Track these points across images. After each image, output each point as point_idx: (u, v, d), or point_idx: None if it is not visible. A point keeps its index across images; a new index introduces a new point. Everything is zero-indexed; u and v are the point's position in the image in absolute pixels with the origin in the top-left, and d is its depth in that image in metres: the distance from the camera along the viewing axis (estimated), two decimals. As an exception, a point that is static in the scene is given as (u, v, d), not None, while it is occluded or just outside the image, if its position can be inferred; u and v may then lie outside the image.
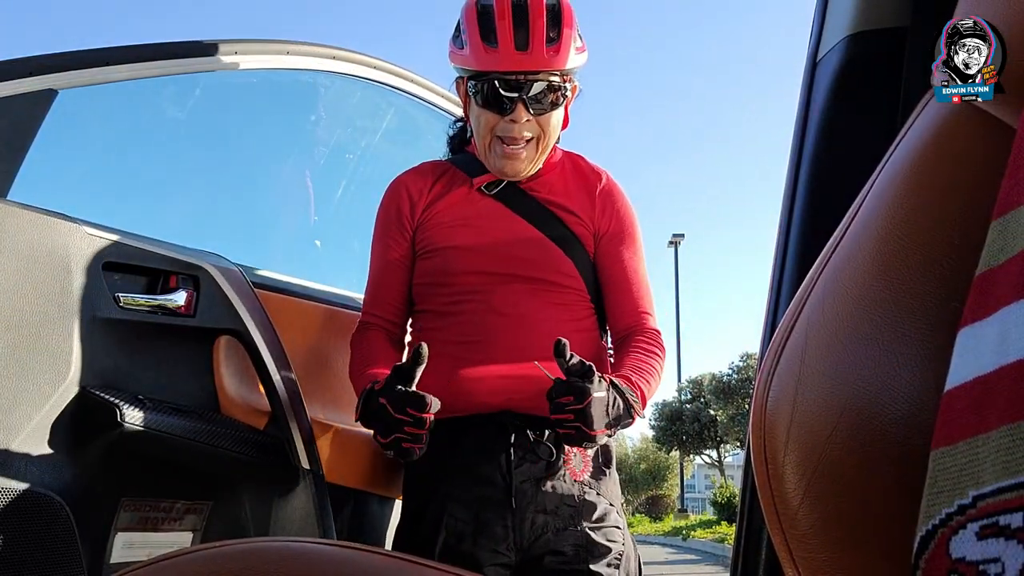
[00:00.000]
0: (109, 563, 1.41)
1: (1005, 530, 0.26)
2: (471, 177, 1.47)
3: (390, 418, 1.21)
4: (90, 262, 1.37)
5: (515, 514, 1.29)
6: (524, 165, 1.41)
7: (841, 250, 0.42)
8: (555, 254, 1.42)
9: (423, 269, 1.47)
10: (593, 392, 1.19)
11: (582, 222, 1.46)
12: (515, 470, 1.31)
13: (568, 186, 1.49)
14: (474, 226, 1.44)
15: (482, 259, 1.41)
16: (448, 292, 1.42)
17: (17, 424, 1.24)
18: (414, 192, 1.49)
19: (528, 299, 1.38)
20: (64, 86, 1.38)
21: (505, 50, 1.32)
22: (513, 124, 1.36)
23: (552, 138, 1.42)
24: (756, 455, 0.41)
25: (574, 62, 1.37)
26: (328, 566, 0.41)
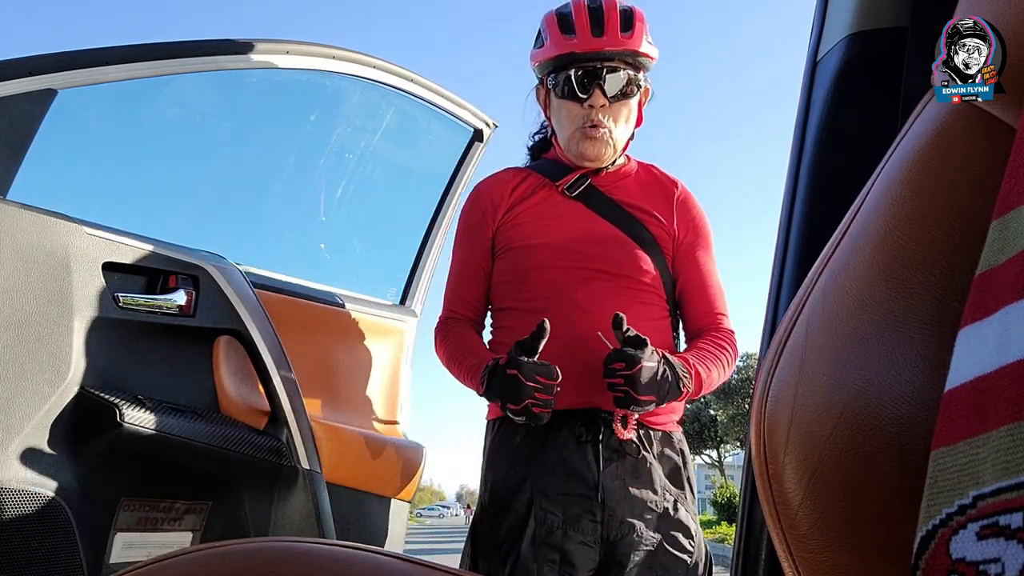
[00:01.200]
0: (109, 563, 1.41)
1: (1005, 530, 0.26)
2: (552, 179, 1.55)
3: (522, 386, 1.30)
4: (90, 262, 1.37)
5: (604, 510, 1.36)
6: (603, 148, 1.49)
7: (841, 250, 0.42)
8: (636, 252, 1.49)
9: (504, 267, 1.54)
10: (643, 361, 1.29)
11: (661, 225, 1.53)
12: (604, 469, 1.37)
13: (646, 191, 1.57)
14: (556, 225, 1.51)
15: (564, 256, 1.47)
16: (530, 289, 1.48)
17: (17, 424, 1.24)
18: (495, 196, 1.58)
19: (610, 296, 1.44)
20: (63, 86, 1.38)
21: (583, 36, 1.43)
22: (591, 110, 1.46)
23: (627, 128, 1.52)
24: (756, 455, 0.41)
25: (647, 49, 1.47)
26: (328, 566, 0.41)
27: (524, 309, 1.47)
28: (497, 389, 1.35)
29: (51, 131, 1.37)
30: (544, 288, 1.45)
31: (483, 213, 1.57)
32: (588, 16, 1.43)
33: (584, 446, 1.38)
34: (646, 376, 1.29)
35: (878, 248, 0.39)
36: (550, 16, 1.49)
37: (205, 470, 1.55)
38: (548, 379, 1.31)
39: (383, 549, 0.44)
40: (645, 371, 1.29)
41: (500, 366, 1.35)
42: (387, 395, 2.04)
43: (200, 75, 1.68)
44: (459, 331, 1.55)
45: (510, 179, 1.59)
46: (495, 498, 1.43)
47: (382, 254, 2.45)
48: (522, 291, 1.48)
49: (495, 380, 1.36)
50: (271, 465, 1.57)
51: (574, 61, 1.45)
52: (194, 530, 1.57)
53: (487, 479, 1.47)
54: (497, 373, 1.35)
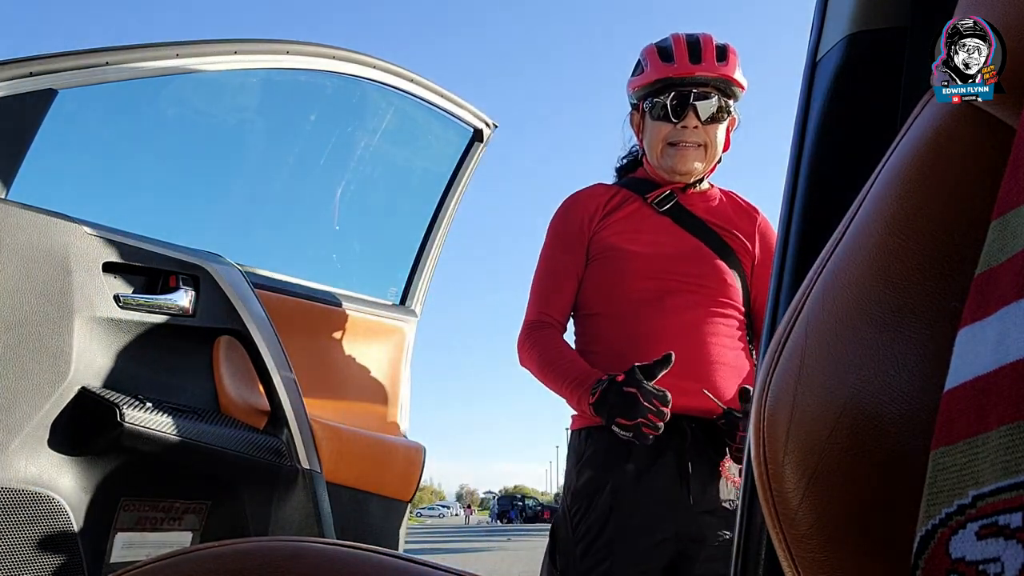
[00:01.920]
0: (109, 563, 1.41)
1: (1004, 530, 0.26)
2: (642, 195, 1.64)
3: (639, 405, 1.37)
4: (90, 262, 1.37)
5: (685, 512, 1.43)
6: (693, 163, 1.59)
7: (841, 250, 0.42)
8: (719, 266, 1.58)
9: (593, 275, 1.61)
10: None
11: (744, 245, 1.64)
12: (691, 473, 1.45)
13: (729, 212, 1.68)
14: (646, 237, 1.59)
15: (652, 266, 1.55)
16: (618, 296, 1.56)
17: (17, 424, 1.24)
18: (591, 206, 1.65)
19: (695, 308, 1.52)
20: (63, 86, 1.38)
21: (681, 62, 1.55)
22: (684, 129, 1.57)
23: (716, 149, 1.61)
24: (756, 455, 0.41)
25: (739, 78, 1.58)
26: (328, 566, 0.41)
27: (613, 315, 1.56)
28: (610, 404, 1.40)
29: (51, 131, 1.37)
30: (633, 296, 1.54)
31: (580, 221, 1.64)
32: (687, 46, 1.55)
33: (666, 452, 1.45)
34: None
35: (878, 248, 0.39)
36: (650, 48, 1.60)
37: (205, 470, 1.55)
38: (663, 405, 1.37)
39: (383, 549, 0.44)
40: None
41: (617, 383, 1.41)
42: (387, 395, 2.04)
43: (200, 75, 1.68)
44: (553, 339, 1.61)
45: (603, 192, 1.67)
46: (576, 500, 1.50)
47: (382, 254, 2.45)
48: (611, 299, 1.56)
49: (611, 395, 1.40)
50: (271, 465, 1.57)
51: (671, 86, 1.56)
52: (194, 530, 1.57)
53: (571, 482, 1.53)
54: (613, 389, 1.41)
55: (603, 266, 1.59)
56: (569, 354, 1.57)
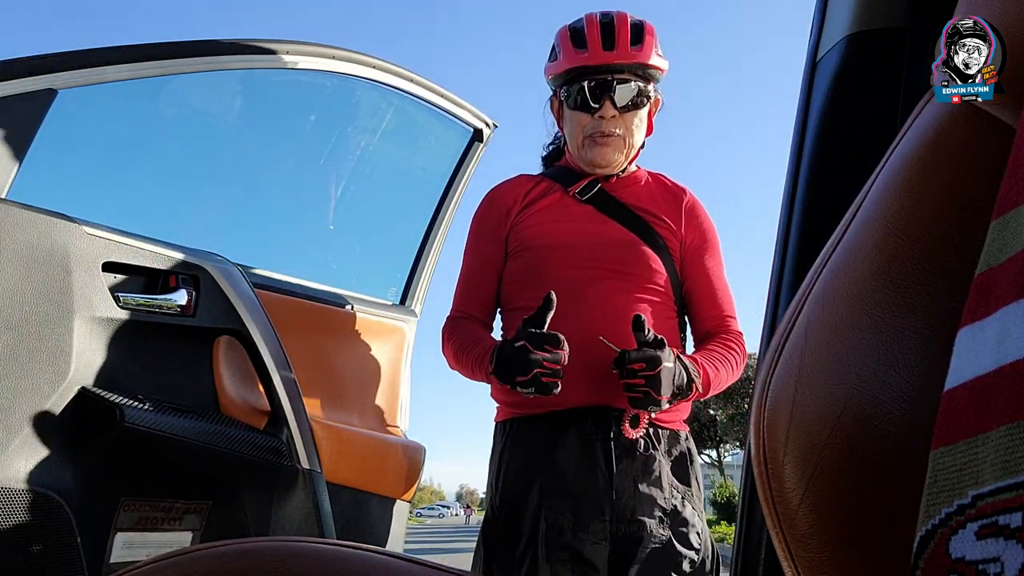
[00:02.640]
0: (109, 563, 1.41)
1: (1004, 530, 0.26)
2: (564, 185, 1.59)
3: (530, 355, 1.31)
4: (90, 262, 1.37)
5: (614, 509, 1.38)
6: (613, 155, 1.54)
7: (841, 250, 0.42)
8: (646, 253, 1.52)
9: (515, 267, 1.57)
10: (664, 361, 1.32)
11: (670, 229, 1.57)
12: (616, 467, 1.39)
13: (655, 196, 1.61)
14: (566, 226, 1.54)
15: (576, 257, 1.50)
16: (542, 288, 1.49)
17: (17, 424, 1.24)
18: (509, 198, 1.61)
19: (618, 294, 1.47)
20: (64, 86, 1.38)
21: (594, 50, 1.48)
22: (602, 120, 1.51)
23: (637, 137, 1.56)
24: (756, 455, 0.41)
25: (656, 61, 1.51)
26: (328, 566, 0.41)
27: (534, 308, 1.47)
28: (505, 364, 1.36)
29: (51, 131, 1.37)
30: (556, 288, 1.47)
31: (498, 215, 1.60)
32: (600, 31, 1.48)
33: (594, 445, 1.40)
34: (666, 376, 1.32)
35: (877, 248, 0.39)
36: (563, 31, 1.54)
37: (205, 470, 1.55)
38: (555, 347, 1.32)
39: (383, 549, 0.44)
40: (665, 372, 1.32)
41: (508, 341, 1.38)
42: (387, 395, 2.04)
43: (200, 75, 1.68)
44: (467, 326, 1.57)
45: (524, 183, 1.63)
46: (505, 500, 1.44)
47: (382, 254, 2.45)
48: (535, 291, 1.50)
49: (503, 356, 1.37)
50: (271, 465, 1.57)
51: (585, 73, 1.49)
52: (194, 530, 1.57)
53: (496, 481, 1.48)
54: (505, 348, 1.37)
55: (523, 259, 1.55)
56: (478, 336, 1.53)
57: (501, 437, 1.51)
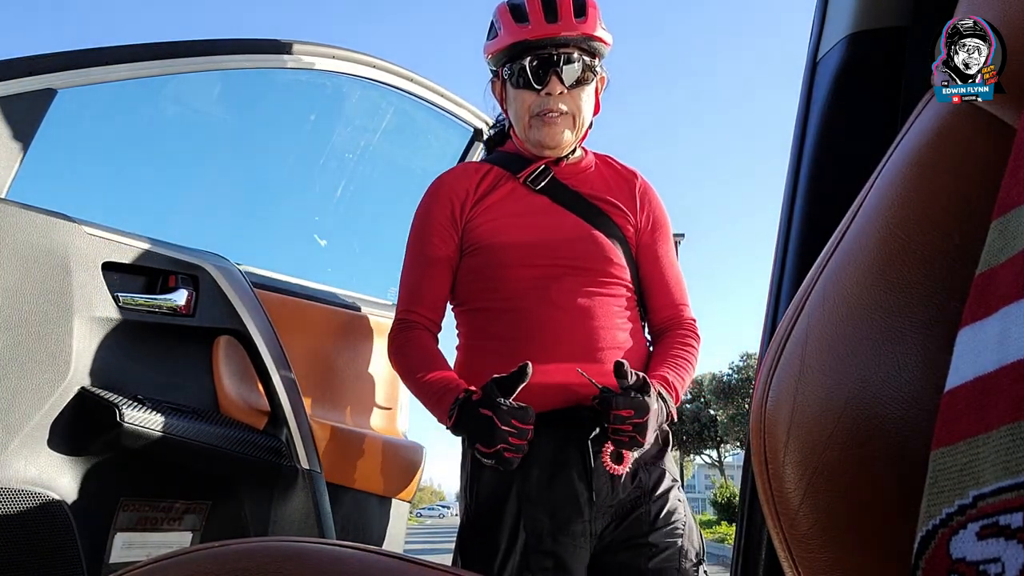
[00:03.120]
0: (108, 563, 1.41)
1: (1005, 530, 0.26)
2: (513, 172, 1.52)
3: (496, 430, 1.25)
4: (90, 262, 1.37)
5: (593, 510, 1.34)
6: (562, 135, 1.47)
7: (841, 250, 0.42)
8: (603, 245, 1.47)
9: (472, 267, 1.49)
10: (651, 406, 1.28)
11: (625, 216, 1.52)
12: (593, 468, 1.35)
13: (608, 182, 1.55)
14: (523, 221, 1.47)
15: (534, 253, 1.44)
16: (502, 288, 1.44)
17: (17, 424, 1.24)
18: (460, 191, 1.52)
19: (581, 292, 1.42)
20: (63, 86, 1.37)
21: (536, 22, 1.41)
22: (548, 98, 1.44)
23: (585, 115, 1.49)
24: (756, 455, 0.41)
25: (601, 34, 1.45)
26: (328, 566, 0.41)
27: (499, 309, 1.44)
28: (467, 427, 1.30)
29: (51, 131, 1.37)
30: (518, 287, 1.43)
31: (450, 206, 1.51)
32: (541, 3, 1.42)
33: (568, 446, 1.35)
34: (653, 421, 1.28)
35: (878, 248, 0.39)
36: (502, 6, 1.48)
37: (205, 470, 1.55)
38: (524, 424, 1.25)
39: (383, 549, 0.44)
40: (652, 416, 1.28)
41: (472, 402, 1.29)
42: (387, 395, 2.04)
43: (200, 75, 1.68)
44: (419, 343, 1.47)
45: (473, 173, 1.54)
46: (482, 509, 1.38)
47: (382, 254, 2.45)
48: (496, 291, 1.45)
49: (465, 417, 1.30)
50: (271, 465, 1.57)
51: (528, 49, 1.43)
52: (194, 530, 1.57)
53: (471, 490, 1.42)
54: (468, 410, 1.29)
55: (481, 257, 1.47)
56: (434, 362, 1.44)
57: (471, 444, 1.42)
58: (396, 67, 1.95)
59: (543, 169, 1.51)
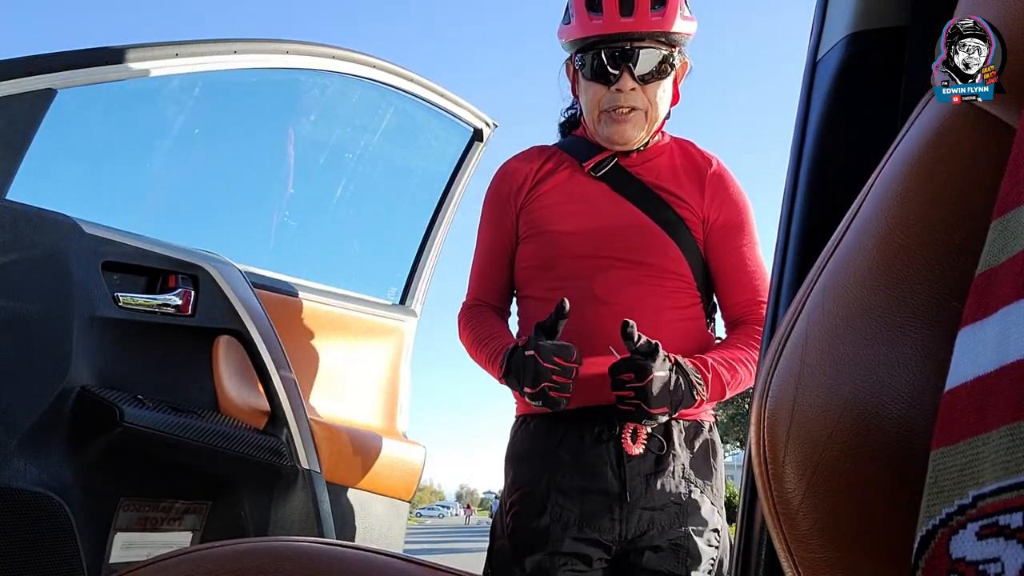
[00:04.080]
0: (109, 563, 1.41)
1: (1005, 530, 0.26)
2: (579, 159, 1.46)
3: (539, 367, 1.23)
4: (90, 262, 1.37)
5: (624, 508, 1.30)
6: (632, 131, 1.40)
7: (841, 250, 0.42)
8: (660, 238, 1.40)
9: (526, 253, 1.46)
10: (654, 371, 1.22)
11: (690, 208, 1.43)
12: (627, 464, 1.31)
13: (677, 171, 1.47)
14: (578, 208, 1.42)
15: (585, 243, 1.39)
16: (550, 277, 1.41)
17: (17, 424, 1.24)
18: (519, 175, 1.49)
19: (630, 286, 1.36)
20: (63, 86, 1.38)
21: (609, 15, 1.34)
22: (619, 94, 1.37)
23: (660, 110, 1.42)
24: (756, 455, 0.41)
25: (681, 27, 1.37)
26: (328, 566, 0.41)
27: (543, 299, 1.40)
28: (514, 371, 1.29)
29: (51, 131, 1.37)
30: (565, 277, 1.38)
31: (507, 194, 1.49)
32: None
33: (604, 443, 1.32)
34: (657, 387, 1.22)
35: (878, 248, 0.39)
36: None
37: (205, 470, 1.55)
38: (567, 361, 1.24)
39: (383, 549, 0.44)
40: (656, 382, 1.22)
41: (519, 348, 1.29)
42: (387, 395, 2.04)
43: (200, 75, 1.68)
44: (482, 315, 1.49)
45: (535, 157, 1.51)
46: (514, 495, 1.38)
47: (382, 254, 2.45)
48: (542, 279, 1.42)
49: (513, 362, 1.29)
50: (271, 465, 1.57)
51: (600, 42, 1.35)
52: (194, 530, 1.57)
53: (507, 476, 1.42)
54: (516, 355, 1.29)
55: (533, 244, 1.44)
56: (494, 328, 1.44)
57: (515, 432, 1.44)
58: (396, 67, 1.95)
59: (609, 157, 1.45)
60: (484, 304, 1.51)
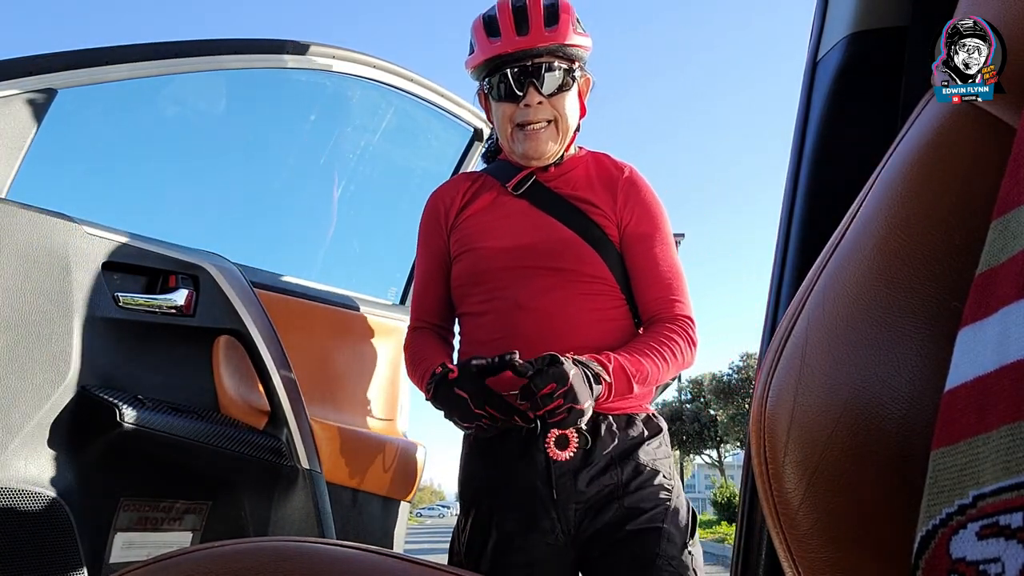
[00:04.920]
0: (109, 563, 1.41)
1: (1005, 530, 0.26)
2: (502, 181, 1.54)
3: (469, 412, 1.27)
4: (90, 262, 1.37)
5: (557, 506, 1.34)
6: (545, 145, 1.47)
7: (841, 250, 0.42)
8: (577, 244, 1.45)
9: (458, 271, 1.52)
10: (569, 372, 1.24)
11: (604, 214, 1.49)
12: (553, 465, 1.35)
13: (592, 180, 1.53)
14: (503, 224, 1.49)
15: (507, 255, 1.45)
16: (481, 291, 1.47)
17: (17, 424, 1.24)
18: (447, 200, 1.57)
19: (553, 292, 1.41)
20: (63, 86, 1.38)
21: (507, 37, 1.42)
22: (528, 108, 1.44)
23: (569, 121, 1.48)
24: (756, 455, 0.41)
25: (575, 40, 1.45)
26: (328, 566, 0.41)
27: (474, 313, 1.47)
28: (443, 403, 1.31)
29: (51, 131, 1.37)
30: (490, 290, 1.44)
31: (437, 218, 1.57)
32: (512, 15, 1.42)
33: (533, 450, 1.36)
34: (578, 383, 1.24)
35: (878, 248, 0.39)
36: (477, 22, 1.49)
37: (205, 470, 1.55)
38: (500, 412, 1.27)
39: (383, 549, 0.44)
40: (575, 378, 1.24)
41: (447, 382, 1.29)
42: (387, 395, 2.04)
43: (200, 75, 1.68)
44: (419, 338, 1.54)
45: (462, 183, 1.60)
46: (462, 509, 1.45)
47: (382, 254, 2.45)
48: (472, 295, 1.48)
49: (441, 395, 1.31)
50: (271, 465, 1.57)
51: (504, 63, 1.43)
52: (194, 530, 1.57)
53: (459, 497, 1.48)
54: (442, 389, 1.30)
55: (464, 262, 1.50)
56: (425, 350, 1.49)
57: (462, 451, 1.50)
58: (396, 67, 1.95)
59: (527, 175, 1.52)
60: (425, 326, 1.57)
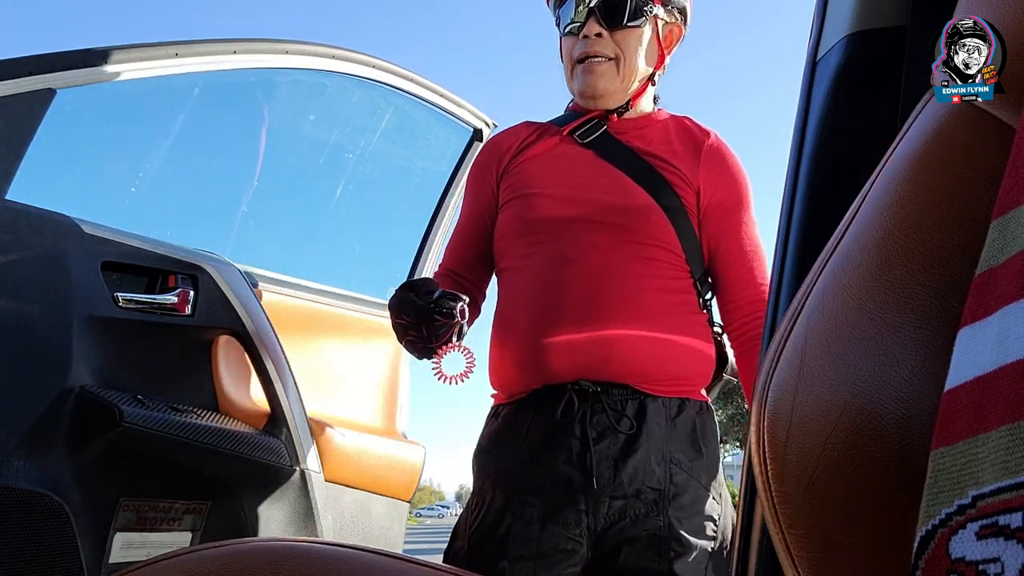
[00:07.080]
0: (108, 563, 1.41)
1: (1004, 530, 0.26)
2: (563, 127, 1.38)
3: (393, 320, 1.16)
4: (90, 262, 1.37)
5: (589, 498, 1.16)
6: (602, 82, 1.30)
7: (841, 250, 0.42)
8: (645, 202, 1.27)
9: (502, 221, 1.36)
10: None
11: (682, 176, 1.31)
12: (593, 448, 1.17)
13: (671, 139, 1.36)
14: (560, 173, 1.33)
15: (561, 205, 1.29)
16: (525, 243, 1.30)
17: (17, 424, 1.24)
18: (504, 145, 1.41)
19: (607, 251, 1.24)
20: (63, 86, 1.38)
21: None
22: (586, 40, 1.29)
23: (635, 62, 1.32)
24: (756, 455, 0.41)
25: None
26: (328, 566, 0.41)
27: (516, 267, 1.30)
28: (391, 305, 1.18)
29: (51, 131, 1.37)
30: (538, 241, 1.28)
31: (491, 162, 1.41)
32: None
33: (570, 428, 1.19)
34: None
35: (878, 248, 0.39)
36: None
37: (205, 470, 1.55)
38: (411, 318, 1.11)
39: (383, 549, 0.44)
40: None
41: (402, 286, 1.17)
42: (387, 395, 2.04)
43: (199, 75, 1.68)
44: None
45: (523, 130, 1.42)
46: (475, 488, 1.28)
47: (382, 254, 2.45)
48: (519, 245, 1.31)
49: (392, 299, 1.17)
50: (271, 465, 1.57)
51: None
52: (194, 530, 1.57)
53: (473, 472, 1.31)
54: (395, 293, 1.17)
55: (511, 210, 1.34)
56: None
57: (485, 424, 1.33)
58: (396, 67, 1.96)
59: (595, 123, 1.35)
60: (450, 273, 1.41)
